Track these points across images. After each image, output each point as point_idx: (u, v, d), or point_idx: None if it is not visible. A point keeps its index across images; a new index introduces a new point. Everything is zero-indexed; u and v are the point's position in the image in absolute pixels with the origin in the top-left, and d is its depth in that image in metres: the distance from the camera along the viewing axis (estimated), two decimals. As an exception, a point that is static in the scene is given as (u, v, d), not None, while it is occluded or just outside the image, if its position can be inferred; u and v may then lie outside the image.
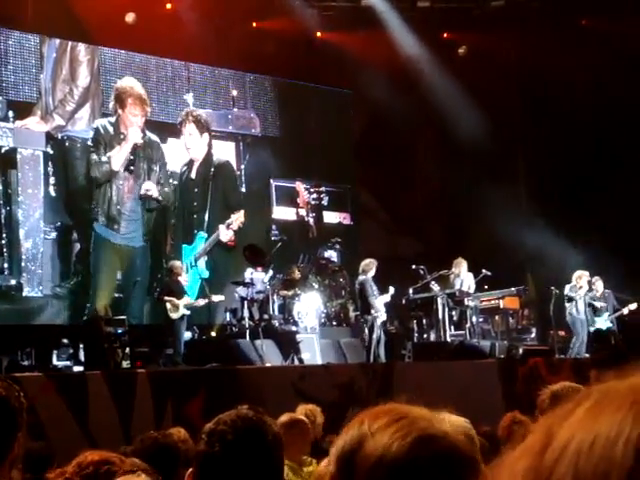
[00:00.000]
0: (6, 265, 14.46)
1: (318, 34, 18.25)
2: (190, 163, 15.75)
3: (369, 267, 14.37)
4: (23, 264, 14.54)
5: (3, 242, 14.51)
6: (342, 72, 17.98)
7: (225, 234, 14.81)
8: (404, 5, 18.02)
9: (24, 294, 14.54)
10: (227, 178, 15.71)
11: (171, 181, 15.69)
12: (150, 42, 16.11)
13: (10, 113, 14.72)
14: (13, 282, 14.46)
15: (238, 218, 14.74)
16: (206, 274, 14.72)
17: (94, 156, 13.88)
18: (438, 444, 1.22)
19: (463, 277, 15.53)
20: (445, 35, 19.23)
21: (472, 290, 15.51)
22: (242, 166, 17.03)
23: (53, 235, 15.02)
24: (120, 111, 13.70)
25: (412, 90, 17.83)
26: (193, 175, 15.48)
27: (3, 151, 14.67)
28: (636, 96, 16.61)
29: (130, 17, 16.05)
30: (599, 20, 17.89)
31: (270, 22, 17.60)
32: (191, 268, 14.77)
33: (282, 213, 17.42)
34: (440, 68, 18.17)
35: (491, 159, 17.78)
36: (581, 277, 15.55)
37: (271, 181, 17.51)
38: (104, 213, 13.95)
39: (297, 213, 17.07)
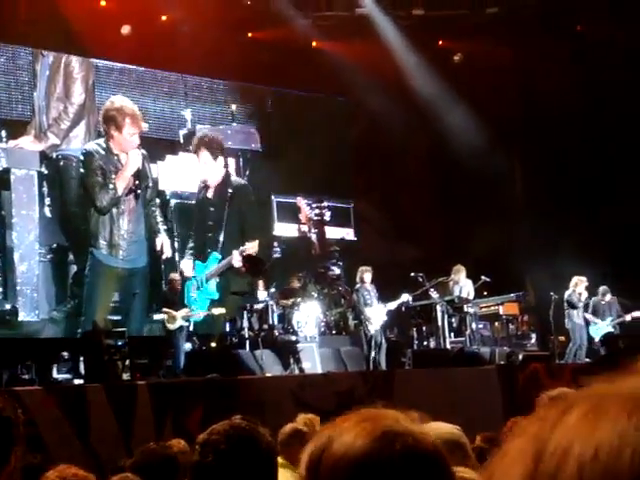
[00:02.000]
0: (0, 289, 14.16)
1: (313, 43, 18.28)
2: (207, 182, 14.59)
3: (362, 274, 14.48)
4: (18, 288, 14.19)
5: None
6: (338, 81, 17.99)
7: (238, 260, 14.39)
8: (399, 13, 18.07)
9: (20, 319, 14.17)
10: (244, 201, 14.94)
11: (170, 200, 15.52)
12: (145, 54, 16.14)
13: (3, 132, 14.50)
14: (8, 307, 14.10)
15: (252, 247, 13.92)
16: (216, 296, 14.35)
17: (96, 184, 13.00)
18: (401, 441, 1.22)
19: (462, 284, 15.55)
20: (440, 43, 19.27)
21: (471, 297, 15.53)
22: (244, 180, 16.32)
23: (49, 257, 14.73)
24: (116, 133, 12.99)
25: (408, 98, 17.87)
26: (210, 194, 14.70)
27: None
28: (634, 101, 16.63)
29: (126, 29, 16.09)
30: (594, 26, 17.93)
31: (265, 32, 17.66)
32: (201, 287, 14.42)
33: (284, 229, 17.23)
34: (436, 75, 18.21)
35: (488, 165, 17.79)
36: (578, 283, 15.57)
37: (272, 197, 17.38)
38: (105, 239, 13.20)
39: (299, 229, 16.86)
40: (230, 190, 14.69)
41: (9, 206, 14.35)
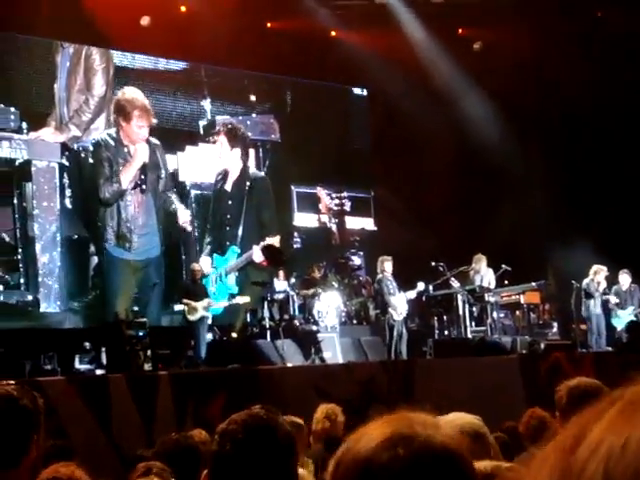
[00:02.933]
0: (22, 281, 14.27)
1: (333, 33, 18.24)
2: (225, 174, 14.70)
3: (383, 264, 14.49)
4: (40, 279, 14.30)
5: (19, 257, 14.31)
6: (357, 71, 17.96)
7: (258, 255, 14.00)
8: (418, 1, 18.00)
9: (41, 310, 14.30)
10: (262, 194, 14.54)
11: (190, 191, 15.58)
12: (164, 45, 16.16)
13: (23, 124, 14.58)
14: (30, 298, 14.23)
15: (274, 243, 13.88)
16: (235, 290, 14.24)
17: (101, 176, 12.95)
18: (403, 445, 1.21)
19: (483, 273, 15.51)
20: (460, 31, 19.19)
21: (492, 286, 15.49)
22: (262, 172, 16.54)
23: (70, 249, 14.83)
24: (124, 123, 13.00)
25: (427, 87, 17.80)
26: (228, 187, 14.54)
27: (17, 163, 14.51)
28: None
29: (145, 20, 16.12)
30: (615, 11, 17.78)
31: (284, 22, 17.64)
32: (220, 281, 14.33)
33: (304, 220, 17.29)
34: (455, 64, 18.14)
35: (508, 153, 17.73)
36: (598, 272, 15.49)
37: (292, 187, 17.40)
38: (114, 233, 13.10)
39: (319, 219, 17.04)
40: (248, 183, 14.58)
41: (30, 198, 14.49)
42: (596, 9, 18.34)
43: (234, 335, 14.42)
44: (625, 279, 15.80)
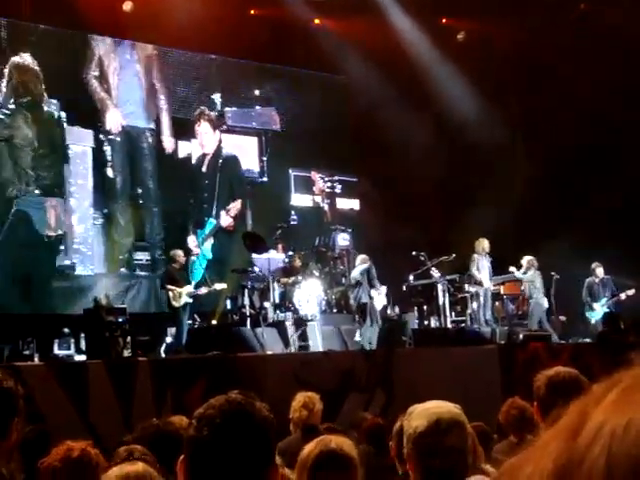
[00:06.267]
0: (62, 247, 15.95)
1: (316, 21, 18.21)
2: (202, 157, 17.26)
3: (367, 259, 14.59)
4: (75, 246, 16.15)
5: (62, 229, 15.86)
6: (339, 59, 17.97)
7: (225, 219, 16.49)
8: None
9: (76, 273, 16.02)
10: (233, 170, 17.16)
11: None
12: (147, 30, 16.11)
13: (62, 114, 15.94)
14: (67, 262, 16.00)
15: (235, 206, 16.58)
16: (210, 255, 16.22)
17: None
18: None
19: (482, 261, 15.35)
20: (443, 21, 19.18)
21: (488, 273, 15.38)
22: (264, 158, 18.58)
23: (100, 221, 16.53)
24: None
25: (410, 76, 17.81)
26: (204, 168, 16.85)
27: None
28: (636, 80, 16.56)
29: (128, 6, 16.07)
30: (598, 4, 17.83)
31: (266, 10, 17.61)
32: (200, 248, 16.20)
33: (300, 200, 18.95)
34: (438, 54, 18.14)
35: (491, 144, 17.77)
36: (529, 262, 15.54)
37: (290, 171, 18.95)
38: None
39: (313, 200, 18.88)
40: (220, 161, 16.87)
41: (68, 177, 16.19)
42: (579, 1, 18.37)
43: (214, 322, 14.46)
44: (600, 272, 15.85)
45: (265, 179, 18.51)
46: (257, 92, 18.63)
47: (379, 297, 14.56)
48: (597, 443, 0.72)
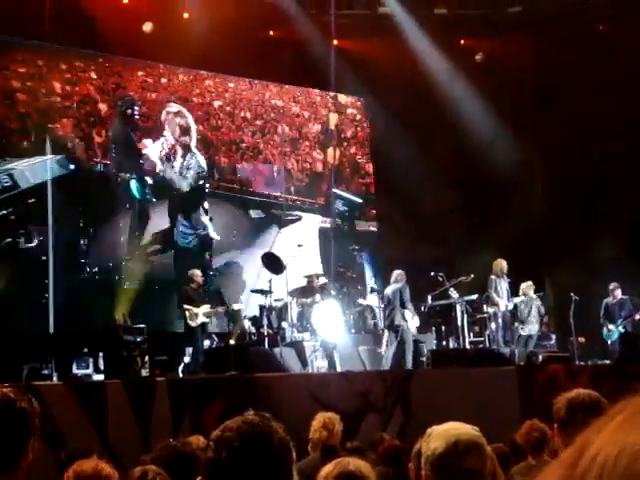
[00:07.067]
0: None
1: (335, 42, 18.27)
2: None
3: (402, 277, 14.22)
4: None
5: None
6: (359, 80, 18.02)
7: None
8: (421, 12, 18.01)
9: None
10: None
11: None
12: (165, 51, 16.19)
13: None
14: None
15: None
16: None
17: None
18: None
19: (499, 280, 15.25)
20: (462, 42, 19.21)
21: (506, 293, 15.27)
22: None
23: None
24: None
25: (429, 96, 17.83)
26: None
27: None
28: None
29: (148, 26, 16.16)
30: (617, 25, 17.80)
31: (286, 31, 17.69)
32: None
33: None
34: (457, 74, 18.16)
35: (508, 164, 17.75)
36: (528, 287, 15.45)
37: None
38: None
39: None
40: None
41: None
42: (598, 22, 18.36)
43: (232, 342, 14.44)
44: (618, 293, 15.77)
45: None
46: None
47: (413, 320, 14.32)
48: (591, 472, 0.73)
